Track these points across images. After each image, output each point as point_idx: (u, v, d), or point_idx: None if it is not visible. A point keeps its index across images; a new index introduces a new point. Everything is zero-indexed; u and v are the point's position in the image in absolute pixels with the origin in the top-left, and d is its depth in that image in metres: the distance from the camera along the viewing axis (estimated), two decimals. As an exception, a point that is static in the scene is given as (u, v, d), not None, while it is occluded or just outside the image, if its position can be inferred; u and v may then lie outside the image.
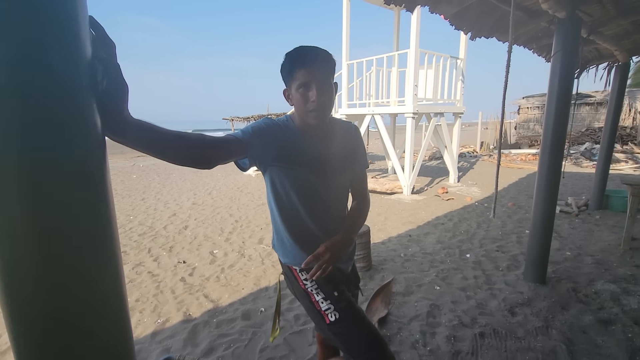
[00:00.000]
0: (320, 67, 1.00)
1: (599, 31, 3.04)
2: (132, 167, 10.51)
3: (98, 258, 0.63)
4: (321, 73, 0.99)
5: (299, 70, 0.98)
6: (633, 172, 8.04)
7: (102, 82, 0.62)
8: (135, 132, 0.71)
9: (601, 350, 1.84)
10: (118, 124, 0.67)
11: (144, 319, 2.26)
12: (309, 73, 0.98)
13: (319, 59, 1.00)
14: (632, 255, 3.08)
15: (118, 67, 0.64)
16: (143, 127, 0.73)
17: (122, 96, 0.65)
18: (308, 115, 1.02)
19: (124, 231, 4.18)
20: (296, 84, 1.00)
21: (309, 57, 0.99)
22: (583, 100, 13.84)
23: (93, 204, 0.61)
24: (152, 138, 0.76)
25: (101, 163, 0.63)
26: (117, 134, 0.68)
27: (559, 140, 2.43)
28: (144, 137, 0.74)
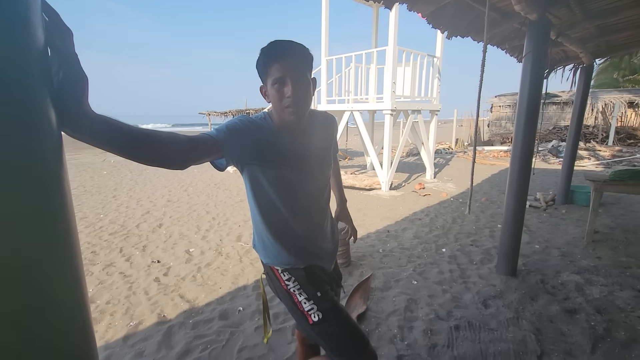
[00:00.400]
0: (295, 62, 0.97)
1: (567, 34, 3.17)
2: (102, 162, 10.05)
3: (54, 264, 0.58)
4: (296, 68, 0.97)
5: (273, 65, 0.95)
6: (595, 168, 8.53)
7: (58, 73, 0.57)
8: (96, 128, 0.66)
9: (567, 339, 1.94)
10: (77, 119, 0.62)
11: (115, 322, 2.17)
12: (283, 68, 0.95)
13: (293, 53, 0.97)
14: (594, 248, 3.26)
15: (76, 56, 0.59)
16: (106, 124, 0.68)
17: (80, 89, 0.60)
18: (284, 112, 0.99)
19: (93, 230, 3.99)
20: (271, 79, 0.97)
21: (283, 51, 0.96)
22: (551, 100, 14.52)
23: (47, 206, 0.56)
24: (116, 136, 0.70)
25: (56, 161, 0.58)
26: (76, 130, 0.63)
27: (530, 137, 2.52)
28: (106, 134, 0.68)
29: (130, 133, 0.72)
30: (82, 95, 0.61)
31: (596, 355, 1.80)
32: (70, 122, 0.61)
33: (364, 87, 6.73)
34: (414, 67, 6.34)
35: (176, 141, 0.82)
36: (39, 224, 0.56)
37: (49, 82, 0.56)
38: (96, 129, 0.66)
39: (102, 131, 0.68)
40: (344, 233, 1.47)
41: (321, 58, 6.90)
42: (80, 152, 13.05)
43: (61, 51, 0.57)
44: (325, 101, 7.16)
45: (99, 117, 0.66)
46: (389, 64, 5.80)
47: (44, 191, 0.56)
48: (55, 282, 0.59)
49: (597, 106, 13.33)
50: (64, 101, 0.59)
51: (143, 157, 0.76)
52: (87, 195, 5.87)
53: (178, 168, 0.85)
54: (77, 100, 0.60)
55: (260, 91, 1.04)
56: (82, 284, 0.64)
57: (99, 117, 0.66)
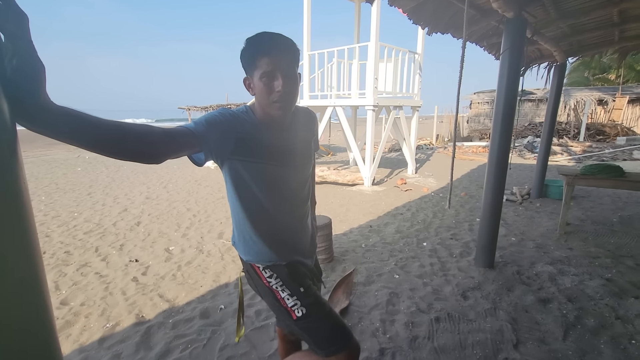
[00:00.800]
0: (286, 56, 0.95)
1: (541, 32, 3.27)
2: (76, 158, 9.65)
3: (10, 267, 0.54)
4: (286, 62, 0.95)
5: (263, 58, 0.93)
6: (567, 163, 8.90)
7: (12, 61, 0.53)
8: (56, 120, 0.61)
9: (540, 327, 2.02)
10: (33, 111, 0.57)
11: (90, 325, 2.09)
12: (274, 62, 0.93)
13: (284, 47, 0.95)
14: (566, 239, 3.41)
15: (31, 43, 0.54)
16: (67, 115, 0.63)
17: (37, 78, 0.56)
18: (272, 106, 0.97)
19: (67, 229, 3.83)
20: (259, 72, 0.94)
21: (274, 44, 0.94)
22: (526, 97, 15.00)
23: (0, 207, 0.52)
24: (80, 128, 0.65)
25: (10, 156, 0.54)
26: (32, 122, 0.59)
27: (507, 133, 2.59)
28: (68, 126, 0.64)
29: (97, 125, 0.67)
30: (39, 85, 0.57)
31: (567, 342, 1.88)
32: (26, 114, 0.57)
33: (346, 82, 6.74)
34: (395, 63, 6.39)
35: (150, 134, 0.78)
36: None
37: (1, 71, 0.52)
38: (57, 121, 0.62)
39: (64, 124, 0.63)
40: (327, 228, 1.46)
41: (303, 53, 6.84)
42: (53, 148, 12.49)
43: (15, 37, 0.53)
44: (307, 96, 7.12)
45: (59, 108, 0.61)
46: (370, 60, 5.81)
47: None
48: (11, 285, 0.55)
49: (569, 103, 13.89)
50: (18, 92, 0.55)
51: (113, 150, 0.72)
52: (60, 193, 5.62)
53: (153, 162, 0.80)
54: (32, 91, 0.56)
55: (244, 83, 1.01)
56: (43, 287, 0.60)
57: (60, 109, 0.61)
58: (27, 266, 0.57)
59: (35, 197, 5.28)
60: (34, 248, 0.59)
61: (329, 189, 6.02)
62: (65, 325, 2.07)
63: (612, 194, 5.18)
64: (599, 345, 1.86)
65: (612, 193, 5.23)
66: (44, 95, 0.58)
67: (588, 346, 1.85)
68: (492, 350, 1.82)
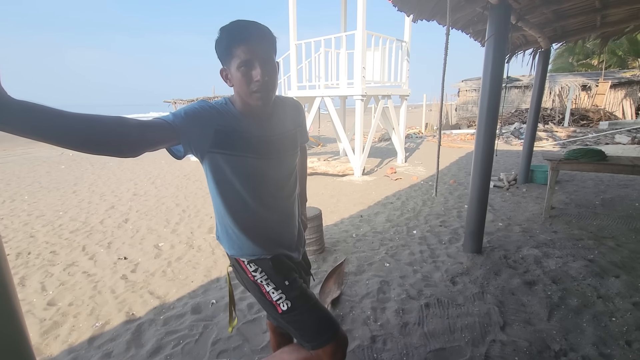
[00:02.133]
0: (263, 44, 0.92)
1: (526, 18, 3.28)
2: (59, 156, 9.40)
3: None
4: (264, 50, 0.92)
5: (239, 47, 0.90)
6: (552, 148, 9.07)
7: None
8: (15, 116, 0.58)
9: (526, 309, 2.08)
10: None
11: (79, 324, 2.06)
12: (251, 50, 0.90)
13: (260, 35, 0.92)
14: (551, 223, 3.49)
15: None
16: (27, 110, 0.60)
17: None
18: (252, 97, 0.94)
19: (52, 229, 3.74)
20: (236, 62, 0.91)
21: (250, 32, 0.91)
22: (512, 84, 15.14)
23: None
24: (41, 123, 0.62)
25: None
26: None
27: (492, 120, 2.61)
28: (29, 122, 0.61)
29: (61, 119, 0.64)
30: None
31: (552, 322, 1.94)
32: None
33: (334, 72, 6.68)
34: (383, 51, 6.35)
35: (122, 125, 0.75)
36: None
37: None
38: (16, 116, 0.59)
39: (25, 119, 0.60)
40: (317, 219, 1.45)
41: (290, 43, 6.74)
42: (34, 145, 12.14)
43: None
44: (295, 87, 7.04)
45: (17, 103, 0.58)
46: (358, 49, 5.76)
47: None
48: None
49: (554, 89, 14.08)
50: None
51: (83, 144, 0.69)
52: (43, 191, 5.48)
53: (129, 155, 0.78)
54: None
55: (221, 74, 0.98)
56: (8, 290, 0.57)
57: (18, 103, 0.58)
58: None
59: (17, 197, 5.14)
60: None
61: (319, 180, 6.01)
62: (53, 326, 2.04)
63: (595, 178, 5.31)
64: (582, 323, 1.92)
65: (595, 177, 5.37)
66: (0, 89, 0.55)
67: (571, 325, 1.91)
68: (480, 333, 1.87)
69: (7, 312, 0.57)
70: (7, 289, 0.58)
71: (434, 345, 1.79)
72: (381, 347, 1.80)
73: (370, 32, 5.89)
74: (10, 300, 0.58)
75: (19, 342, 0.60)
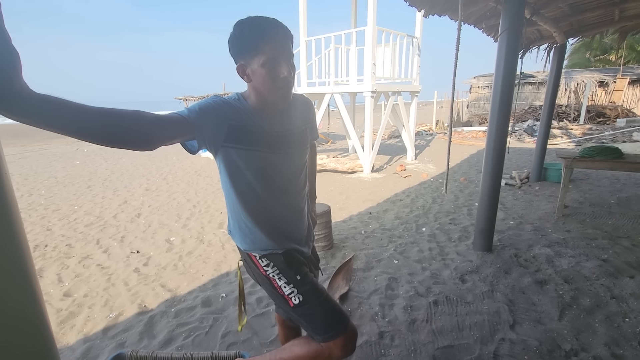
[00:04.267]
0: (288, 41, 0.95)
1: (541, 12, 3.21)
2: (74, 152, 9.62)
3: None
4: (288, 48, 0.95)
5: (267, 43, 0.91)
6: (567, 146, 8.87)
7: None
8: (34, 108, 0.60)
9: (537, 308, 2.05)
10: (8, 98, 0.57)
11: (93, 315, 2.12)
12: (278, 47, 0.92)
13: (284, 32, 0.94)
14: (564, 222, 3.42)
15: (3, 29, 0.53)
16: (47, 102, 0.62)
17: (11, 66, 0.55)
18: (277, 93, 0.96)
19: (67, 222, 3.85)
20: (262, 58, 0.92)
21: (278, 29, 0.92)
22: (526, 80, 14.84)
23: None
24: (61, 115, 0.64)
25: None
26: (10, 110, 0.58)
27: (505, 117, 2.57)
28: (48, 114, 0.63)
29: (80, 112, 0.66)
30: (13, 72, 0.56)
31: (563, 322, 1.92)
32: (2, 103, 0.56)
33: (344, 68, 6.65)
34: (393, 47, 6.29)
35: (140, 119, 0.77)
36: None
37: None
38: (36, 109, 0.61)
39: (45, 111, 0.62)
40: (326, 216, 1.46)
41: (300, 39, 6.73)
42: (51, 141, 12.45)
43: None
44: (305, 84, 7.04)
45: (38, 96, 0.60)
46: (368, 45, 5.72)
47: None
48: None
49: (570, 86, 13.74)
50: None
51: (101, 137, 0.71)
52: (59, 186, 5.63)
53: (145, 149, 0.80)
54: (6, 78, 0.55)
55: (239, 70, 0.97)
56: (31, 280, 0.60)
57: (39, 96, 0.60)
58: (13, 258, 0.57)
59: (35, 192, 5.29)
60: (20, 239, 0.58)
61: (328, 176, 6.02)
62: (69, 316, 2.11)
63: (611, 176, 5.18)
64: (594, 324, 1.89)
65: (611, 175, 5.23)
66: (20, 82, 0.57)
67: (583, 325, 1.88)
68: (489, 331, 1.86)
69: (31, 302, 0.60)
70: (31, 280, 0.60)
71: (442, 343, 1.79)
72: (389, 343, 1.80)
73: (380, 28, 5.84)
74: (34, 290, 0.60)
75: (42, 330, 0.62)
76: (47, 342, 0.63)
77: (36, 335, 0.61)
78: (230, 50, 0.96)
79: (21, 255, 0.58)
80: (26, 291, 0.59)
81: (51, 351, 0.64)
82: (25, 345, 0.59)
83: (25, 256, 0.59)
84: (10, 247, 0.56)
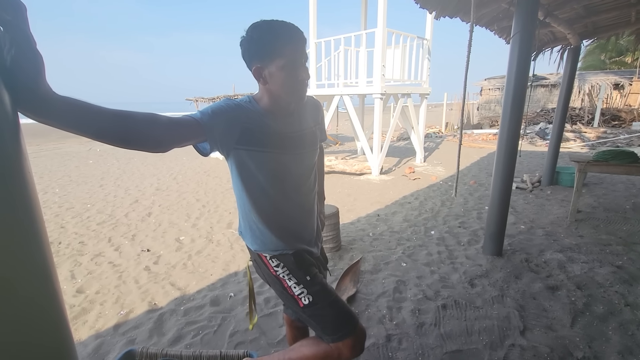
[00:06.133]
0: (304, 45, 0.97)
1: (554, 14, 3.16)
2: (88, 151, 9.82)
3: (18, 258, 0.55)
4: (305, 51, 0.98)
5: (288, 46, 0.93)
6: (580, 150, 8.70)
7: (10, 51, 0.53)
8: (57, 110, 0.63)
9: (548, 314, 2.02)
10: (33, 100, 0.59)
11: (105, 312, 2.16)
12: (299, 51, 0.95)
13: (302, 36, 0.96)
14: (577, 227, 3.36)
15: (29, 33, 0.55)
16: (69, 105, 0.64)
17: (36, 68, 0.57)
18: (295, 95, 0.99)
19: (80, 220, 3.93)
20: (282, 61, 0.93)
21: (296, 33, 0.94)
22: (539, 82, 14.60)
23: (5, 195, 0.53)
24: (81, 117, 0.67)
25: (13, 146, 0.55)
26: (34, 112, 0.60)
27: (516, 120, 2.54)
28: (70, 115, 0.65)
29: (99, 114, 0.69)
30: (37, 76, 0.58)
31: (575, 329, 1.88)
32: (27, 104, 0.58)
33: (353, 70, 6.65)
34: (403, 49, 6.27)
35: (155, 122, 0.79)
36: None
37: (1, 62, 0.53)
38: (58, 111, 0.63)
39: (66, 113, 0.64)
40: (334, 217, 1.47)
41: (310, 41, 6.75)
42: (65, 141, 12.74)
43: (13, 27, 0.54)
44: (314, 85, 7.06)
45: (60, 98, 0.62)
46: (378, 47, 5.71)
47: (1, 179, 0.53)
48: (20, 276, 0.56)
49: (584, 88, 13.47)
50: (18, 82, 0.56)
51: (117, 139, 0.73)
52: (73, 185, 5.75)
53: (159, 151, 0.82)
54: (31, 81, 0.57)
55: (256, 72, 0.98)
56: (52, 276, 0.62)
57: (61, 99, 0.62)
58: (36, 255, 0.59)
59: (49, 190, 5.42)
60: (43, 238, 0.60)
61: (337, 178, 6.02)
62: (81, 312, 2.15)
63: (626, 181, 5.06)
64: (607, 331, 1.85)
65: (626, 180, 5.11)
66: (44, 85, 0.59)
67: (596, 332, 1.84)
68: (499, 337, 1.83)
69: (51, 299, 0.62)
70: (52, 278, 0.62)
71: (450, 347, 1.77)
72: (396, 346, 1.79)
73: (390, 30, 5.83)
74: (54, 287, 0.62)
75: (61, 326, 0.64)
76: (65, 337, 0.65)
77: (55, 331, 0.63)
78: (246, 52, 0.97)
79: (43, 253, 0.60)
80: (47, 288, 0.61)
81: (69, 347, 0.66)
82: (45, 340, 0.61)
83: (47, 254, 0.61)
84: (33, 245, 0.58)
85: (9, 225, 0.54)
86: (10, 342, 0.55)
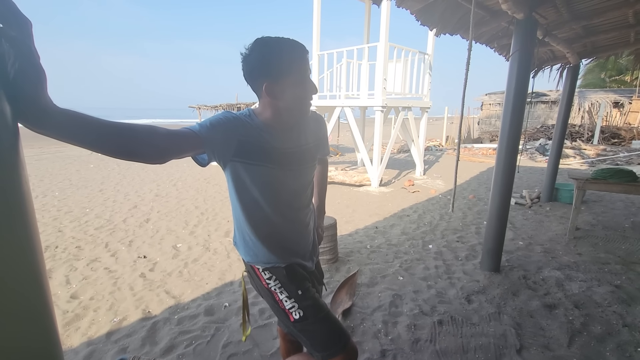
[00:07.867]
0: (309, 62, 1.01)
1: (553, 34, 3.22)
2: (89, 155, 9.85)
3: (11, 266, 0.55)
4: (309, 67, 1.01)
5: (301, 63, 0.97)
6: (580, 166, 8.72)
7: (14, 65, 0.55)
8: (56, 122, 0.64)
9: (545, 333, 2.00)
10: (34, 113, 0.60)
11: (98, 318, 2.14)
12: (308, 67, 0.99)
13: (307, 53, 1.00)
14: (575, 244, 3.35)
15: (33, 48, 0.57)
16: (68, 118, 0.65)
17: (38, 82, 0.58)
18: (303, 110, 1.03)
19: (78, 224, 3.92)
20: (295, 78, 0.97)
21: (304, 50, 0.98)
22: (539, 99, 14.74)
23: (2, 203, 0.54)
24: (80, 130, 0.68)
25: (12, 156, 0.56)
26: (34, 123, 0.61)
27: (515, 135, 2.56)
28: (69, 128, 0.66)
29: (98, 127, 0.70)
30: (40, 90, 0.59)
31: (572, 349, 1.86)
32: (28, 116, 0.60)
33: (355, 83, 6.72)
34: (405, 63, 6.36)
35: (153, 135, 0.80)
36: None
37: (3, 75, 0.54)
38: (57, 123, 0.64)
39: (65, 126, 0.66)
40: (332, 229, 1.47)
41: (313, 53, 6.85)
42: (66, 145, 12.77)
43: (18, 42, 0.55)
44: (316, 97, 7.13)
45: (60, 111, 0.64)
46: (380, 60, 5.79)
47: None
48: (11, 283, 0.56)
49: (584, 105, 13.59)
50: (20, 94, 0.57)
51: (115, 151, 0.74)
52: (73, 189, 5.76)
53: (156, 163, 0.83)
54: (34, 94, 0.59)
55: (266, 89, 0.96)
56: (42, 280, 0.61)
57: (61, 112, 0.64)
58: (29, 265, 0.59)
59: (49, 193, 5.42)
60: (35, 248, 0.60)
61: (336, 189, 6.02)
62: (74, 319, 2.13)
63: (625, 199, 5.06)
64: (605, 352, 1.83)
65: (625, 198, 5.11)
66: (45, 98, 0.60)
67: (593, 353, 1.82)
68: (495, 355, 1.81)
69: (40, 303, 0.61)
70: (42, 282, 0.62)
71: (445, 364, 1.75)
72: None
73: (392, 44, 5.92)
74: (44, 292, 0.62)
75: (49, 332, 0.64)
76: (53, 344, 0.64)
77: (43, 337, 0.63)
78: (254, 70, 0.97)
79: (34, 257, 0.60)
80: (36, 292, 0.60)
81: (57, 354, 0.65)
82: (32, 346, 0.60)
83: (38, 258, 0.61)
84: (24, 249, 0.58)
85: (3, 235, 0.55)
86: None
